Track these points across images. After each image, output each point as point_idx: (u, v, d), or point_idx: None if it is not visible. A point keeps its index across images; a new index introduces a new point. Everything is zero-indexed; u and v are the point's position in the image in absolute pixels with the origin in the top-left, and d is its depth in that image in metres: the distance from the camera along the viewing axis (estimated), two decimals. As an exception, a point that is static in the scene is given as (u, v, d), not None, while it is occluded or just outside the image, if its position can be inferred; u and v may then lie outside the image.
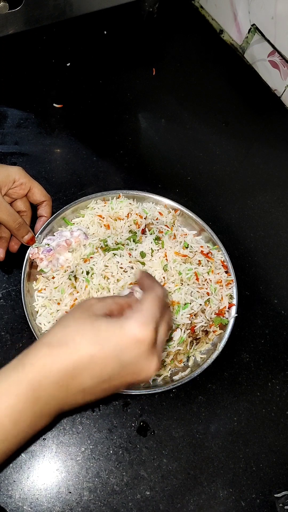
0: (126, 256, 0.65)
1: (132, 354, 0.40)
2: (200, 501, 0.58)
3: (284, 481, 0.60)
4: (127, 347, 0.40)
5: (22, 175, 0.65)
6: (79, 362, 0.39)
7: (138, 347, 0.40)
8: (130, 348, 0.40)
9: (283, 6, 0.86)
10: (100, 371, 0.40)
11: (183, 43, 1.05)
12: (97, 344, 0.40)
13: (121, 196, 0.74)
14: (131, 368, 0.41)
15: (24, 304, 0.62)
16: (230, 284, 0.68)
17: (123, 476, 0.58)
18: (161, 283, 0.64)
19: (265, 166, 0.89)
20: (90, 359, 0.39)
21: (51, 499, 0.56)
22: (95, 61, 0.97)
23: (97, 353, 0.40)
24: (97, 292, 0.63)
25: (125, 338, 0.40)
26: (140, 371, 0.41)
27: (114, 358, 0.40)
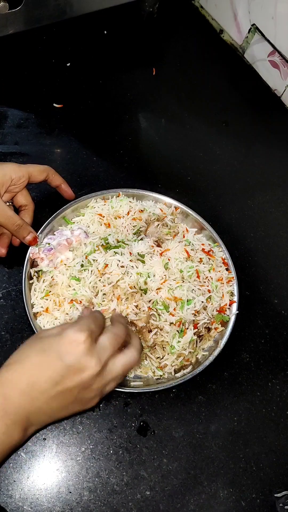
0: (127, 255, 0.65)
1: (72, 354, 0.46)
2: (200, 501, 0.58)
3: (284, 481, 0.60)
4: (66, 349, 0.46)
5: (17, 170, 0.65)
6: (32, 370, 0.46)
7: (75, 347, 0.46)
8: (68, 348, 0.46)
9: (283, 6, 0.86)
10: (51, 373, 0.46)
11: (183, 43, 1.05)
12: (43, 354, 0.47)
13: (121, 194, 0.74)
14: (75, 366, 0.46)
15: (25, 304, 0.63)
16: (231, 281, 0.69)
17: (123, 476, 0.58)
18: (161, 280, 0.64)
19: (265, 166, 0.89)
20: (39, 365, 0.46)
21: (51, 499, 0.56)
22: (95, 61, 0.97)
23: (45, 359, 0.46)
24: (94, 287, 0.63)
25: (63, 341, 0.47)
26: (83, 368, 0.46)
27: (58, 360, 0.46)
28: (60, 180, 0.72)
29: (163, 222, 0.72)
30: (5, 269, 0.69)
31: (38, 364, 0.46)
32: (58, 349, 0.47)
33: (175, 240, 0.69)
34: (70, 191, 0.73)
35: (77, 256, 0.66)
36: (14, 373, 0.46)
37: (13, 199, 0.70)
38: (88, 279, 0.63)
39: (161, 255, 0.67)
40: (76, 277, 0.64)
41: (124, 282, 0.63)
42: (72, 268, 0.65)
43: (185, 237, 0.71)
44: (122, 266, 0.64)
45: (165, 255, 0.67)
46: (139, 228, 0.72)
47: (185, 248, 0.68)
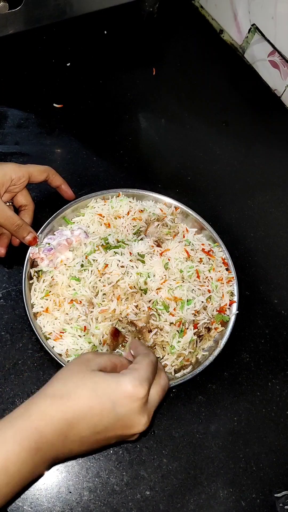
0: (127, 255, 0.65)
1: (126, 408, 0.43)
2: (200, 501, 0.58)
3: (284, 481, 0.60)
4: (122, 402, 0.43)
5: (17, 170, 0.65)
6: (79, 412, 0.43)
7: (132, 402, 0.43)
8: (125, 402, 0.43)
9: (283, 6, 0.86)
10: (97, 421, 0.43)
11: (183, 43, 1.05)
12: (95, 397, 0.43)
13: (121, 194, 0.74)
14: (124, 421, 0.44)
15: (25, 304, 0.63)
16: (231, 281, 0.69)
17: (123, 476, 0.58)
18: (161, 280, 0.64)
19: (265, 166, 0.89)
20: (89, 410, 0.43)
21: (51, 499, 0.56)
22: (95, 61, 0.97)
23: (96, 404, 0.43)
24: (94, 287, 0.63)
25: (121, 393, 0.43)
26: (132, 425, 0.44)
27: (110, 410, 0.43)
28: (60, 180, 0.72)
29: (163, 222, 0.72)
30: (5, 269, 0.69)
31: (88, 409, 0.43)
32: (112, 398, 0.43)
33: (175, 240, 0.69)
34: (70, 192, 0.73)
35: (77, 256, 0.66)
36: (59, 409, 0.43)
37: (13, 199, 0.70)
38: (88, 279, 0.63)
39: (161, 255, 0.67)
40: (76, 277, 0.64)
41: (124, 282, 0.63)
42: (72, 268, 0.65)
43: (185, 237, 0.71)
44: (122, 266, 0.64)
45: (165, 255, 0.67)
46: (139, 228, 0.72)
47: (185, 248, 0.68)
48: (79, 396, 0.43)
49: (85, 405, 0.43)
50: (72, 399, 0.43)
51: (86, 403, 0.43)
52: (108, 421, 0.43)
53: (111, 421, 0.43)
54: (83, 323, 0.62)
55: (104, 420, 0.43)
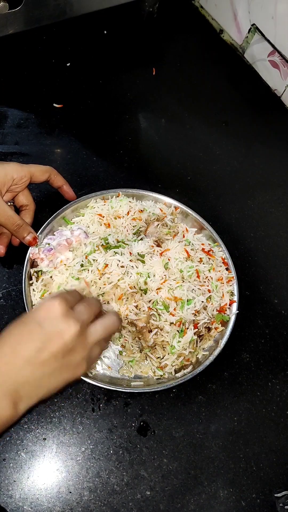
0: (127, 254, 0.65)
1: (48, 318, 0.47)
2: (201, 501, 0.58)
3: (284, 481, 0.60)
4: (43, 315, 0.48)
5: (19, 170, 0.65)
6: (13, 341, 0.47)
7: (50, 312, 0.48)
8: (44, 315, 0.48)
9: (283, 6, 0.86)
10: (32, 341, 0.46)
11: (183, 43, 1.05)
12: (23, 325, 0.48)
13: (120, 194, 0.74)
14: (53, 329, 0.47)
15: (25, 304, 0.62)
16: (231, 281, 0.69)
17: (124, 476, 0.58)
18: (161, 280, 0.64)
19: (265, 166, 0.89)
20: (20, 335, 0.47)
21: (52, 499, 0.56)
22: (95, 61, 0.97)
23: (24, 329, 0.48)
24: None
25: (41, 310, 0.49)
26: (62, 330, 0.47)
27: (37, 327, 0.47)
28: (62, 181, 0.72)
29: (163, 222, 0.72)
30: (5, 269, 0.69)
31: (19, 335, 0.47)
32: (36, 318, 0.48)
33: (175, 240, 0.69)
34: (72, 192, 0.73)
35: (77, 256, 0.66)
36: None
37: (14, 199, 0.70)
38: (87, 278, 0.63)
39: (161, 255, 0.67)
40: (76, 277, 0.64)
41: (124, 282, 0.63)
42: (72, 268, 0.65)
43: (185, 237, 0.71)
44: (122, 266, 0.64)
45: (165, 255, 0.67)
46: (139, 228, 0.72)
47: (185, 248, 0.68)
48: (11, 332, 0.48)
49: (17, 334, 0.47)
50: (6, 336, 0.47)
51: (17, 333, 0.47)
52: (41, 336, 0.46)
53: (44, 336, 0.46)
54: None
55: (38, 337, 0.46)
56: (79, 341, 0.48)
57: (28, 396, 0.46)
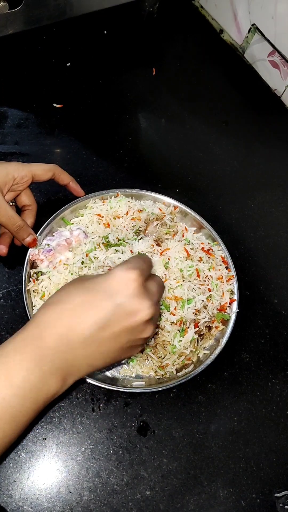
0: (128, 253, 0.65)
1: (123, 293, 0.41)
2: (200, 501, 0.58)
3: (284, 481, 0.60)
4: (117, 288, 0.41)
5: (20, 170, 0.65)
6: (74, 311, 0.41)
7: (128, 286, 0.41)
8: (120, 288, 0.41)
9: (283, 6, 0.86)
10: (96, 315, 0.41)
11: (183, 43, 1.05)
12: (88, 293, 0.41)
13: (119, 194, 0.74)
14: (126, 307, 0.41)
15: (25, 304, 0.62)
16: (231, 279, 0.69)
17: (123, 476, 0.58)
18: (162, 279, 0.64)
19: (265, 166, 0.89)
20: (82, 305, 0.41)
21: (51, 499, 0.56)
22: (95, 61, 0.97)
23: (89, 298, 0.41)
24: None
25: (114, 281, 0.41)
26: (136, 310, 0.41)
27: (107, 300, 0.41)
28: (68, 178, 0.71)
29: (162, 222, 0.72)
30: (5, 269, 0.69)
31: (81, 305, 0.41)
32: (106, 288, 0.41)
33: (174, 240, 0.69)
34: (79, 189, 0.72)
35: (76, 254, 0.66)
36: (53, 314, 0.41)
37: (16, 198, 0.69)
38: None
39: (161, 254, 0.67)
40: (76, 275, 0.64)
41: None
42: (72, 266, 0.65)
43: (185, 236, 0.71)
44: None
45: (165, 254, 0.67)
46: (138, 228, 0.72)
47: (185, 247, 0.68)
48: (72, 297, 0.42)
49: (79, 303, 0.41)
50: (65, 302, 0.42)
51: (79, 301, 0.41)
52: (108, 312, 0.41)
53: (111, 311, 0.41)
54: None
55: (103, 312, 0.41)
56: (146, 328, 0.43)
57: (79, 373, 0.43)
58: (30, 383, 0.40)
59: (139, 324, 0.42)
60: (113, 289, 0.41)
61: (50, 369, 0.40)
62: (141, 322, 0.42)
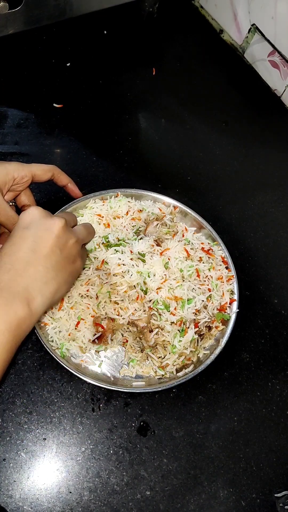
0: (128, 253, 0.65)
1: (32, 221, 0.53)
2: (201, 501, 0.58)
3: (284, 481, 0.60)
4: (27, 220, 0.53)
5: (20, 169, 0.65)
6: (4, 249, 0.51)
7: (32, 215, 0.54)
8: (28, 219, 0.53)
9: (283, 6, 0.86)
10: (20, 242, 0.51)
11: (183, 43, 1.05)
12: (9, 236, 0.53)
13: (119, 194, 0.74)
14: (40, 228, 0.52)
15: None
16: (231, 279, 0.69)
17: (123, 476, 0.58)
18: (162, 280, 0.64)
19: (265, 166, 0.89)
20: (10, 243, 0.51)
21: (52, 499, 0.56)
22: (95, 61, 0.97)
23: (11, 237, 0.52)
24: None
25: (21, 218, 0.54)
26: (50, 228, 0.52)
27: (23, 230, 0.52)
28: (66, 179, 0.71)
29: (162, 222, 0.72)
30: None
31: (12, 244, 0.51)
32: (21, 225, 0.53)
33: (174, 240, 0.69)
34: (77, 190, 0.72)
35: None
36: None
37: (16, 198, 0.69)
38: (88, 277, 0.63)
39: (161, 254, 0.67)
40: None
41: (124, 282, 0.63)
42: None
43: (185, 236, 0.71)
44: (123, 264, 0.64)
45: (165, 254, 0.67)
46: (138, 228, 0.72)
47: (185, 247, 0.68)
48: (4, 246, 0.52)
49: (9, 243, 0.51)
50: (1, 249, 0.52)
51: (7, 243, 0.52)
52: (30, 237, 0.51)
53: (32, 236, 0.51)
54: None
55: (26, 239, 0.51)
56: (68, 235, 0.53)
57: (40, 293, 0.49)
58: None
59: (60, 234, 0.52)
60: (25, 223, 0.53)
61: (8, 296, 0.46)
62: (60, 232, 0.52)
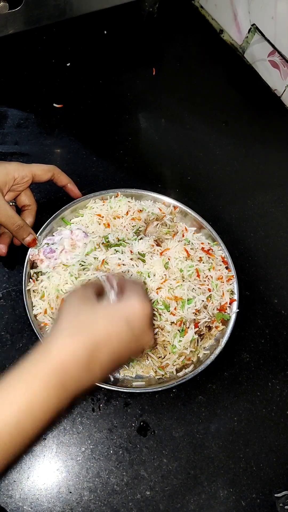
0: (128, 253, 0.65)
1: (139, 324, 0.45)
2: (200, 501, 0.58)
3: (284, 481, 0.60)
4: (135, 319, 0.45)
5: (21, 170, 0.65)
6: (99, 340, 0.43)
7: (143, 318, 0.45)
8: (137, 319, 0.45)
9: (283, 6, 0.86)
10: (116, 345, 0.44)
11: (183, 43, 1.05)
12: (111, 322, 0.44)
13: (119, 194, 0.74)
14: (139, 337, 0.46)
15: (25, 304, 0.62)
16: (231, 279, 0.69)
17: (123, 476, 0.58)
18: (162, 280, 0.64)
19: (265, 166, 0.89)
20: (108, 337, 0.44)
21: (52, 499, 0.56)
22: (95, 61, 0.97)
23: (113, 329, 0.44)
24: None
25: (132, 312, 0.45)
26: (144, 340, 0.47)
27: (127, 330, 0.45)
28: (66, 179, 0.71)
29: (162, 222, 0.72)
30: (5, 269, 0.69)
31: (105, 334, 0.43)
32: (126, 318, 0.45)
33: (174, 240, 0.69)
34: (77, 190, 0.72)
35: (77, 255, 0.66)
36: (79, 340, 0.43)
37: (16, 198, 0.69)
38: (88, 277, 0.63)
39: (161, 254, 0.67)
40: (76, 276, 0.64)
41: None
42: (72, 267, 0.65)
43: (185, 236, 0.71)
44: (123, 264, 0.64)
45: (165, 254, 0.67)
46: (138, 228, 0.72)
47: (185, 247, 0.68)
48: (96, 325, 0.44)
49: (103, 333, 0.44)
50: (90, 331, 0.43)
51: (103, 330, 0.44)
52: (126, 341, 0.45)
53: (128, 340, 0.45)
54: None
55: (123, 341, 0.45)
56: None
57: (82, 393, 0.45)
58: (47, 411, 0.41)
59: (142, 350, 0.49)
60: (132, 321, 0.45)
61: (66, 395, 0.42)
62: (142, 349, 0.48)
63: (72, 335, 0.43)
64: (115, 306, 0.46)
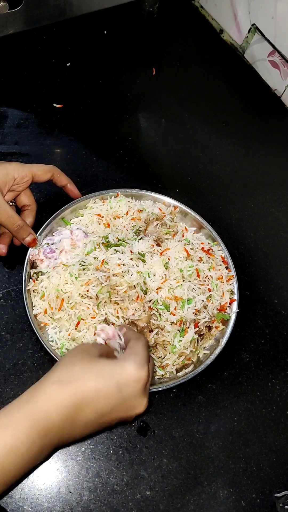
0: (128, 253, 0.65)
1: (131, 390, 0.45)
2: (200, 501, 0.58)
3: (284, 481, 0.60)
4: (127, 384, 0.45)
5: (20, 170, 0.65)
6: (86, 395, 0.43)
7: (136, 384, 0.45)
8: (130, 384, 0.45)
9: (283, 6, 0.86)
10: (103, 404, 0.44)
11: (183, 43, 1.05)
12: (102, 380, 0.44)
13: (119, 194, 0.74)
14: (128, 403, 0.45)
15: (25, 304, 0.62)
16: (231, 279, 0.69)
17: (123, 476, 0.58)
18: (162, 280, 0.64)
19: (265, 166, 0.89)
20: (96, 394, 0.44)
21: (52, 499, 0.56)
22: (95, 61, 0.97)
23: (102, 388, 0.44)
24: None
25: (126, 375, 0.45)
26: (134, 406, 0.46)
27: (116, 393, 0.44)
28: (66, 180, 0.71)
29: (162, 222, 0.72)
30: (5, 269, 0.69)
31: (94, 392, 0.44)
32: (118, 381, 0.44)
33: (174, 240, 0.69)
34: (77, 191, 0.72)
35: (77, 255, 0.66)
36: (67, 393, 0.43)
37: (16, 198, 0.69)
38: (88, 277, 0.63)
39: (161, 254, 0.67)
40: (76, 276, 0.64)
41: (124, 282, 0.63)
42: (71, 267, 0.65)
43: (185, 236, 0.71)
44: (123, 264, 0.64)
45: (165, 254, 0.67)
46: (138, 228, 0.72)
47: (185, 247, 0.68)
48: (86, 380, 0.44)
49: (92, 389, 0.44)
50: (80, 384, 0.44)
51: (93, 386, 0.44)
52: (114, 403, 0.44)
53: (117, 403, 0.44)
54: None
55: (110, 402, 0.44)
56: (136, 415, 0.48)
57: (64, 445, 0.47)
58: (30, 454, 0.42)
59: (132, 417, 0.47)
60: (123, 384, 0.44)
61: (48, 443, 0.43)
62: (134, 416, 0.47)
63: (61, 384, 0.44)
64: (111, 365, 0.46)
